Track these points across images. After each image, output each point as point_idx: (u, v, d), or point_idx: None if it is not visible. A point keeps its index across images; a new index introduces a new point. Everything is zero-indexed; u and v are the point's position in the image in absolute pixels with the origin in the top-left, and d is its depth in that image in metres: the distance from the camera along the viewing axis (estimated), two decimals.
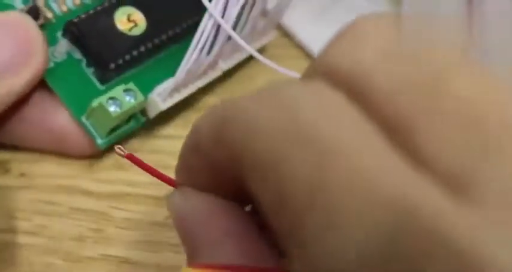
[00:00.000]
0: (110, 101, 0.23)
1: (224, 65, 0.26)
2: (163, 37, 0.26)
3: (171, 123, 0.27)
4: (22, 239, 0.24)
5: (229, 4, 0.24)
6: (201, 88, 0.26)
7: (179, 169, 0.18)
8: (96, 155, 0.25)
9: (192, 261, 0.16)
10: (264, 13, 0.27)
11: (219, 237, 0.16)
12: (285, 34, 0.30)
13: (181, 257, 0.23)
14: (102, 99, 0.23)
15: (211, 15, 0.23)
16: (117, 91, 0.23)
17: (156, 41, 0.25)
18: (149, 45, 0.25)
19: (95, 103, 0.23)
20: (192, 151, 0.17)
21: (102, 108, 0.23)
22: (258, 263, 0.16)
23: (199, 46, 0.24)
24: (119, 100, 0.23)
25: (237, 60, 0.27)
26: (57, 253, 0.23)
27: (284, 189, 0.13)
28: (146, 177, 0.24)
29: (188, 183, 0.17)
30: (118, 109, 0.23)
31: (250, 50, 0.25)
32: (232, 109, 0.15)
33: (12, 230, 0.24)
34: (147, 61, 0.25)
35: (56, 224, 0.24)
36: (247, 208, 0.17)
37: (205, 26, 0.24)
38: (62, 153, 0.25)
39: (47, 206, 0.24)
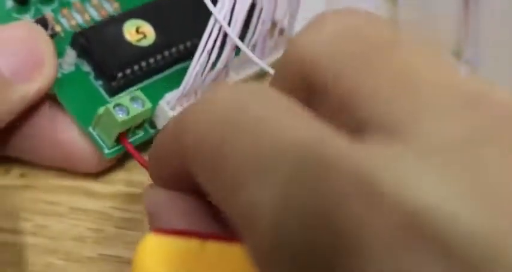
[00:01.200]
0: (117, 107, 0.23)
1: (236, 76, 0.26)
2: (173, 50, 0.25)
3: None
4: (22, 239, 0.24)
5: (235, 10, 0.24)
6: None
7: (150, 166, 0.20)
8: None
9: None
10: (274, 24, 0.27)
11: (178, 216, 0.19)
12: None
13: None
14: (109, 105, 0.23)
15: (216, 20, 0.23)
16: (124, 98, 0.23)
17: (166, 53, 0.25)
18: (158, 56, 0.25)
19: (101, 109, 0.23)
20: (160, 151, 0.19)
21: (108, 113, 0.23)
22: None
23: (206, 51, 0.24)
24: (125, 106, 0.23)
25: (249, 71, 0.27)
26: (57, 253, 0.23)
27: (224, 170, 0.15)
28: (146, 177, 0.24)
29: (157, 176, 0.19)
30: (125, 115, 0.23)
31: (258, 61, 0.25)
32: (185, 112, 0.17)
33: (13, 230, 0.24)
34: (156, 75, 0.25)
35: (56, 224, 0.24)
36: None
37: (211, 31, 0.23)
38: (70, 169, 0.25)
39: (47, 206, 0.24)
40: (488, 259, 0.12)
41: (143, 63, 0.25)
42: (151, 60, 0.25)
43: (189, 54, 0.25)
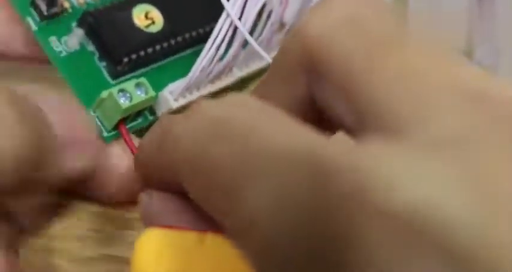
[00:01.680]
0: (120, 93, 0.23)
1: (239, 72, 0.26)
2: (180, 38, 0.25)
3: None
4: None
5: (247, 6, 0.24)
6: (213, 93, 0.26)
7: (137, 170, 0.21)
8: None
9: None
10: (282, 25, 0.27)
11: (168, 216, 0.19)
12: None
13: None
14: (113, 90, 0.23)
15: (228, 15, 0.23)
16: (129, 84, 0.23)
17: (173, 41, 0.25)
18: (165, 44, 0.25)
19: (104, 93, 0.23)
20: (146, 160, 0.20)
21: (112, 98, 0.23)
22: None
23: (215, 45, 0.24)
24: (129, 93, 0.23)
25: (253, 68, 0.27)
26: (57, 253, 0.23)
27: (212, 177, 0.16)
28: None
29: (145, 180, 0.20)
30: (128, 102, 0.23)
31: (266, 55, 0.25)
32: (170, 124, 0.18)
33: None
34: (161, 61, 0.25)
35: (56, 224, 0.24)
36: None
37: (222, 25, 0.24)
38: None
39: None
40: (491, 261, 0.12)
41: (150, 50, 0.25)
42: (158, 47, 0.25)
43: (194, 43, 0.26)
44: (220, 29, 0.24)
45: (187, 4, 0.26)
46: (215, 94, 0.26)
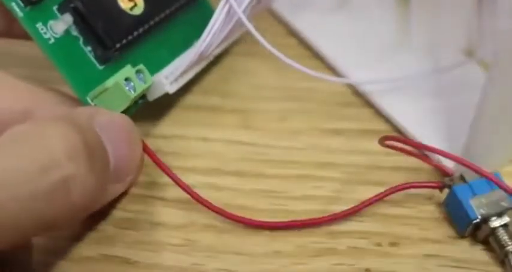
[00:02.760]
0: (125, 82, 0.23)
1: (224, 45, 0.27)
2: (160, 17, 0.25)
3: (158, 122, 0.27)
4: None
5: None
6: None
7: None
8: None
9: None
10: None
11: None
12: (293, 34, 0.30)
13: (182, 257, 0.23)
14: (118, 79, 0.23)
15: (227, 1, 0.24)
16: (130, 72, 0.23)
17: (152, 21, 0.25)
18: (147, 25, 0.25)
19: (109, 83, 0.23)
20: None
21: (119, 88, 0.23)
22: None
23: (213, 31, 0.24)
24: (132, 82, 0.23)
25: (234, 38, 0.27)
26: (57, 253, 0.23)
27: None
28: (146, 177, 0.24)
29: None
30: (133, 92, 0.23)
31: (258, 36, 0.24)
32: None
33: None
34: (143, 41, 0.25)
35: None
36: None
37: (221, 11, 0.24)
38: None
39: None
40: None
41: (135, 33, 0.25)
42: (141, 30, 0.25)
43: (171, 17, 0.26)
44: (219, 14, 0.24)
45: None
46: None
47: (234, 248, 0.23)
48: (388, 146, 0.24)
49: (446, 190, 0.24)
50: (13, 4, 0.22)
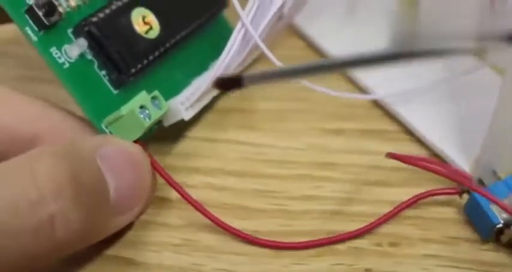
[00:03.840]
0: (140, 110, 0.23)
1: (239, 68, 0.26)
2: (174, 40, 0.25)
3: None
4: None
5: (259, 14, 0.24)
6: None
7: None
8: None
9: None
10: (280, 17, 0.27)
11: None
12: (309, 45, 0.30)
13: (182, 257, 0.23)
14: (133, 106, 0.22)
15: (243, 25, 0.23)
16: (145, 99, 0.23)
17: (168, 44, 0.25)
18: (162, 49, 0.25)
19: (123, 110, 0.22)
20: None
21: (133, 116, 0.22)
22: None
23: (230, 56, 0.23)
24: (147, 109, 0.23)
25: (248, 62, 0.27)
26: None
27: None
28: None
29: None
30: (148, 120, 0.23)
31: (273, 59, 0.25)
32: None
33: None
34: (158, 64, 0.25)
35: None
36: None
37: (237, 36, 0.23)
38: None
39: None
40: None
41: (151, 57, 0.24)
42: (157, 53, 0.24)
43: (186, 40, 0.25)
44: (236, 38, 0.23)
45: (176, 3, 0.25)
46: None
47: (234, 249, 0.23)
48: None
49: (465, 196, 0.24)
50: (27, 28, 0.22)
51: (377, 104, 0.28)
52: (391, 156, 0.23)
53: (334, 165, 0.26)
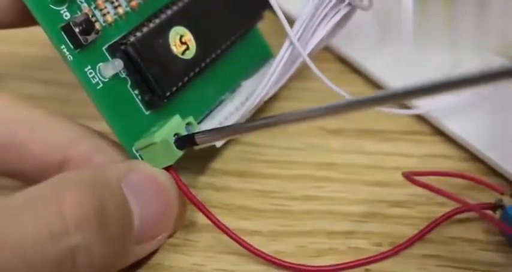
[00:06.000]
0: (174, 138, 0.22)
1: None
2: (209, 60, 0.24)
3: None
4: None
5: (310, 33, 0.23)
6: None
7: None
8: None
9: None
10: None
11: None
12: (343, 61, 0.30)
13: (182, 257, 0.23)
14: (167, 135, 0.22)
15: (291, 43, 0.23)
16: (180, 126, 0.22)
17: (204, 64, 0.24)
18: (197, 69, 0.24)
19: (157, 137, 0.22)
20: None
21: (167, 145, 0.22)
22: None
23: (274, 77, 0.23)
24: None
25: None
26: None
27: None
28: None
29: None
30: (181, 149, 0.22)
31: (322, 76, 0.24)
32: None
33: None
34: (191, 84, 0.24)
35: None
36: None
37: (284, 54, 0.23)
38: None
39: None
40: None
41: (186, 78, 0.24)
42: (192, 74, 0.24)
43: (223, 54, 0.25)
44: (282, 57, 0.23)
45: (213, 20, 0.25)
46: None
47: (234, 249, 0.23)
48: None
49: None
50: (62, 47, 0.21)
51: None
52: (406, 175, 0.23)
53: (334, 165, 0.26)
